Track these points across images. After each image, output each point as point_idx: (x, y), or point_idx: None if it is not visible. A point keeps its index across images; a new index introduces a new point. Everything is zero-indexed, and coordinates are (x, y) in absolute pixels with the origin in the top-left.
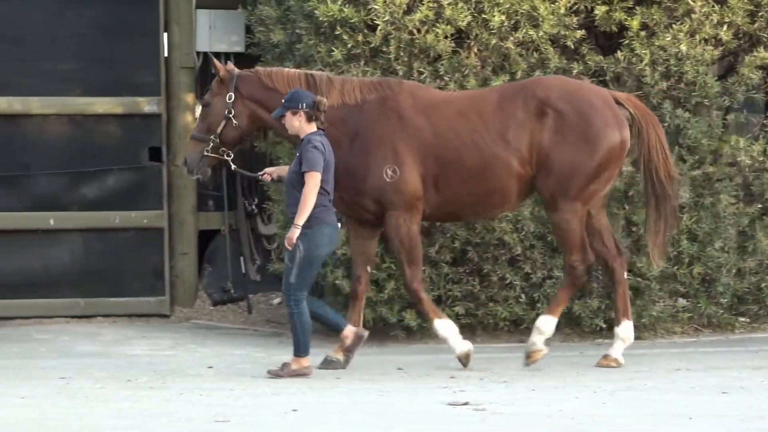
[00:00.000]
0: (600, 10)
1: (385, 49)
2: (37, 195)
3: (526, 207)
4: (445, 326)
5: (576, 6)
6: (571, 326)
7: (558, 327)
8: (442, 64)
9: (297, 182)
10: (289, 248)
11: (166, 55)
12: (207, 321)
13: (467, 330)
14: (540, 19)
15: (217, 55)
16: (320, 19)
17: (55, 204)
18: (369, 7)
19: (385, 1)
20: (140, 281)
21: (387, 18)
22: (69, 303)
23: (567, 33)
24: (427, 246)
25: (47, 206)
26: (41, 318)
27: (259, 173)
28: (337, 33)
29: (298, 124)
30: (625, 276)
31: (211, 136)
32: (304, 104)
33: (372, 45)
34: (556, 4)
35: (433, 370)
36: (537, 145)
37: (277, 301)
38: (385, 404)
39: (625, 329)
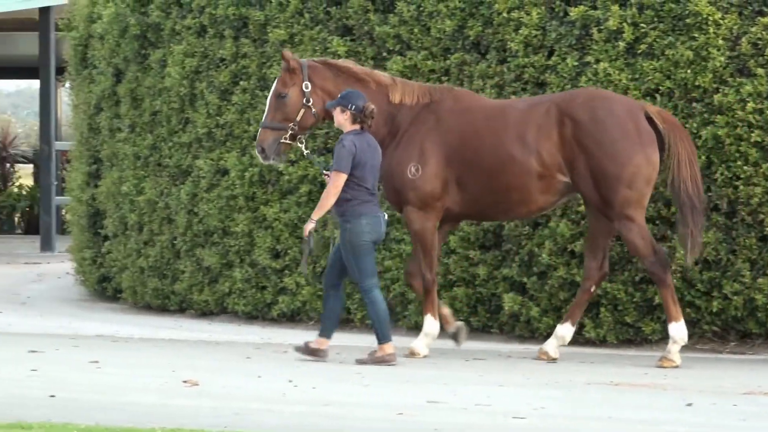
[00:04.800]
0: None
1: None
2: None
3: None
4: (431, 325)
5: None
6: None
7: None
8: None
9: None
10: (305, 238)
11: None
12: None
13: None
14: None
15: None
16: None
17: None
18: None
19: None
20: None
21: None
22: None
23: None
24: None
25: None
26: None
27: (324, 170)
28: None
29: (343, 120)
30: (593, 290)
31: (290, 125)
32: (354, 106)
33: None
34: None
35: None
36: (558, 153)
37: None
38: None
39: (564, 330)
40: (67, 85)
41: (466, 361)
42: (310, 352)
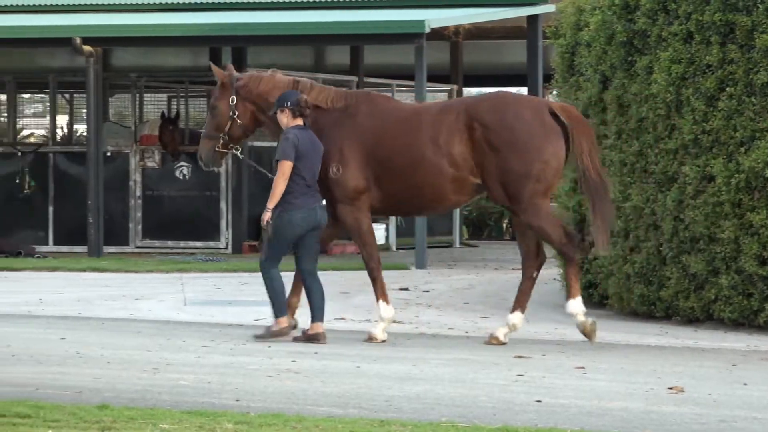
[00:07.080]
0: None
1: None
2: None
3: None
4: (385, 310)
5: None
6: None
7: None
8: None
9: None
10: (263, 226)
11: None
12: None
13: None
14: None
15: None
16: None
17: None
18: None
19: None
20: None
21: None
22: None
23: None
24: None
25: None
26: None
27: (269, 174)
28: None
29: (286, 120)
30: (535, 275)
31: (221, 134)
32: (288, 102)
33: None
34: None
35: None
36: (470, 156)
37: None
38: None
39: (515, 318)
40: (554, 92)
41: None
42: (308, 338)
